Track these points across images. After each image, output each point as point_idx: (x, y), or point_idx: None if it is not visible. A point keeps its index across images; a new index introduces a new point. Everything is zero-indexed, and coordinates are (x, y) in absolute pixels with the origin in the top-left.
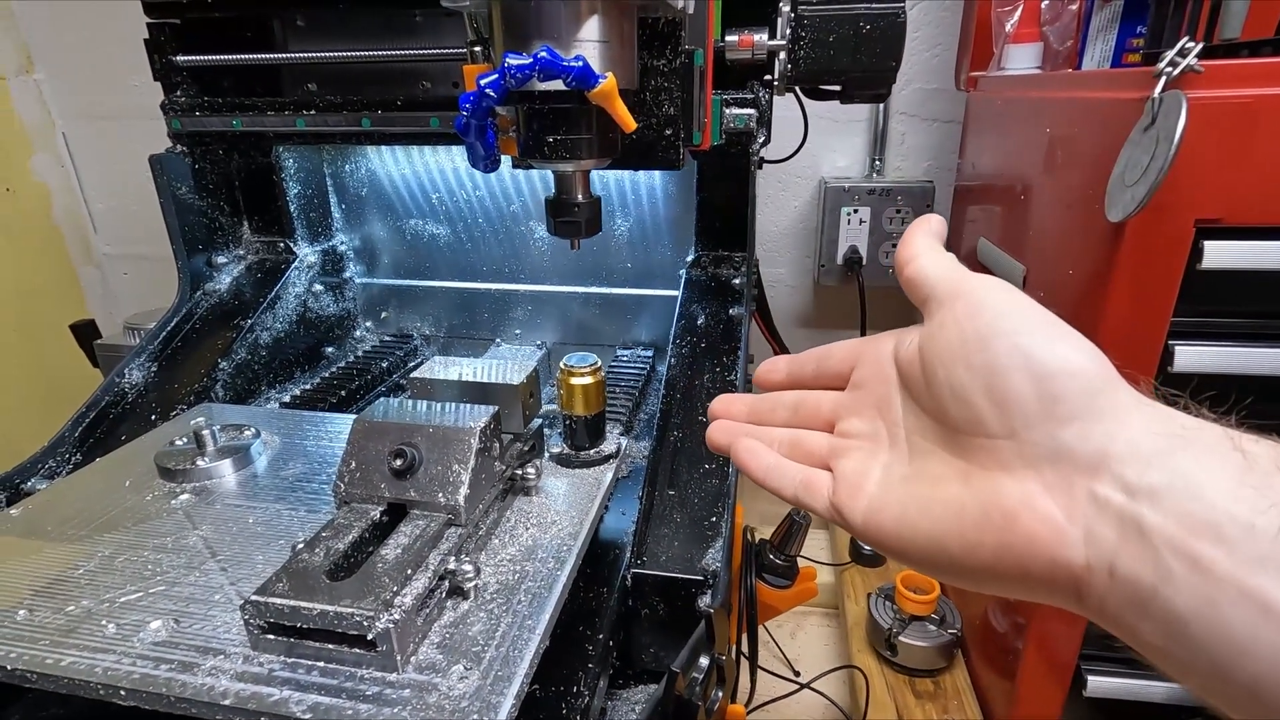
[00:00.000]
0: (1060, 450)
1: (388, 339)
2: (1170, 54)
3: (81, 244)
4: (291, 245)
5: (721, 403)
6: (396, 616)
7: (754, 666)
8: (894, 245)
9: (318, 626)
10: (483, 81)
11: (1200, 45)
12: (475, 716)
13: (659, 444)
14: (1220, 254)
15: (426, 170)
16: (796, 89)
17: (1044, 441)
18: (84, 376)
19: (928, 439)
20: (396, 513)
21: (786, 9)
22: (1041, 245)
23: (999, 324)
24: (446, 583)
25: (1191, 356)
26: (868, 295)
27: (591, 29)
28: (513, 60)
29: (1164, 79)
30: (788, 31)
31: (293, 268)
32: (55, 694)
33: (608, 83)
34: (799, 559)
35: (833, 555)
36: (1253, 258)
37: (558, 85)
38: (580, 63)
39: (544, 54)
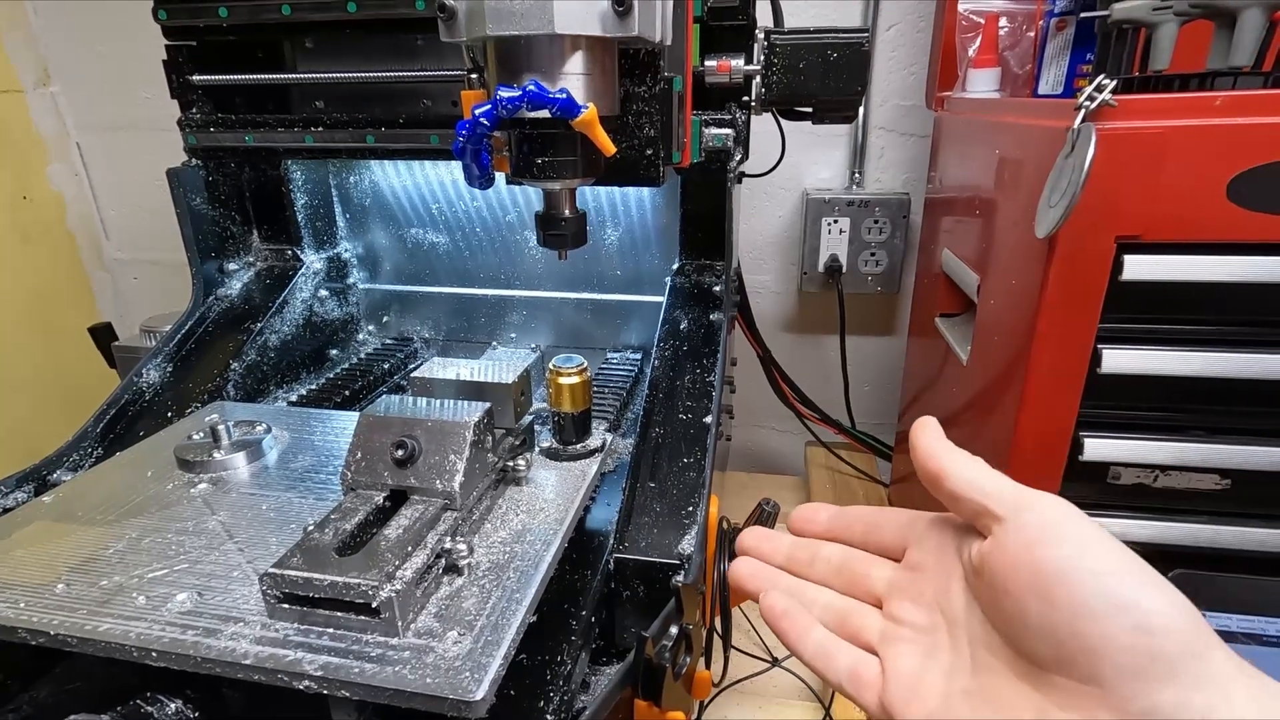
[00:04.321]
0: (1154, 712)
1: (389, 342)
2: (1088, 89)
3: (94, 250)
4: (299, 253)
5: (753, 538)
6: (398, 587)
7: (726, 645)
8: (872, 254)
9: (328, 596)
10: (477, 111)
11: (1115, 81)
12: (467, 674)
13: (642, 440)
14: (1139, 267)
15: (426, 182)
16: (773, 110)
17: (1137, 700)
18: (96, 376)
19: (995, 656)
20: (398, 498)
21: (761, 37)
22: (992, 258)
23: (1082, 560)
24: (443, 560)
25: (1118, 359)
26: (846, 301)
27: (576, 63)
28: (504, 93)
29: (1083, 111)
30: (761, 58)
31: (299, 274)
32: (79, 669)
33: (589, 113)
34: None
35: None
36: (1169, 270)
37: (545, 113)
38: (564, 95)
39: (532, 87)
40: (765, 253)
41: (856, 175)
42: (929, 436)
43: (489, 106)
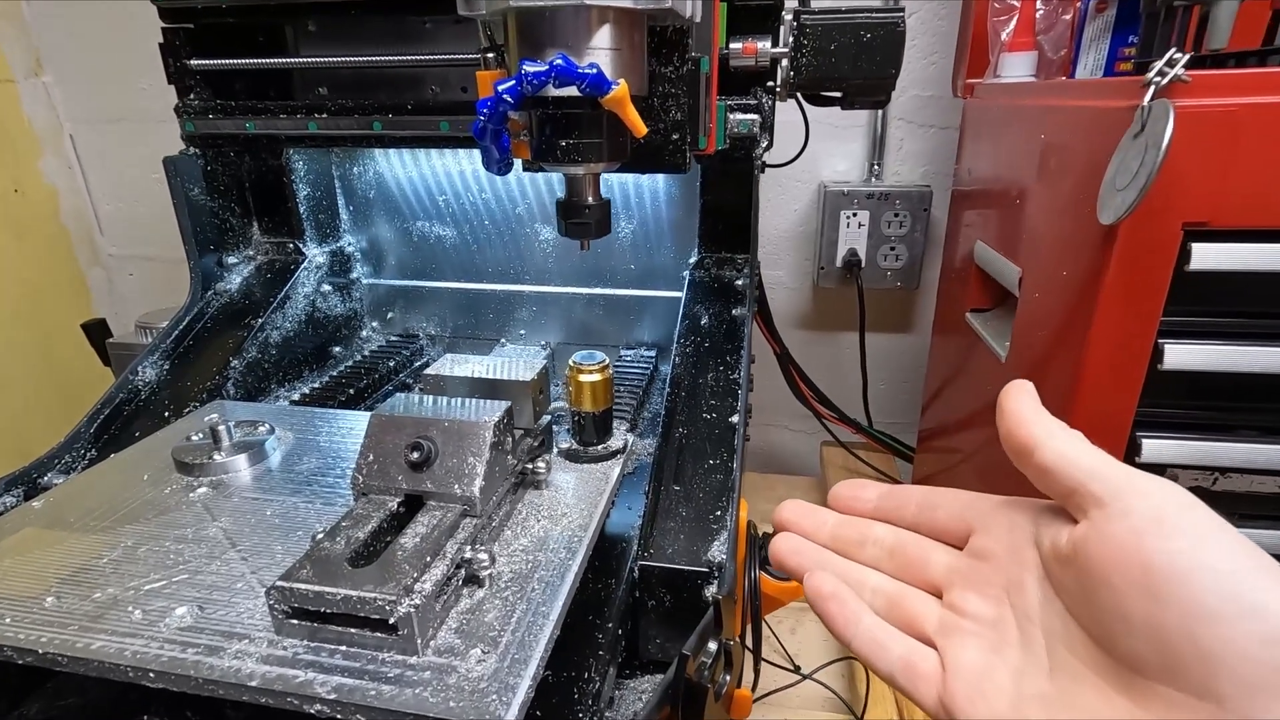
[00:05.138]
0: None
1: (394, 339)
2: (1159, 64)
3: (88, 245)
4: (300, 246)
5: (793, 511)
6: (417, 601)
7: (757, 658)
8: (892, 248)
9: (341, 611)
10: (500, 87)
11: (1188, 56)
12: (494, 697)
13: (664, 440)
14: (1207, 256)
15: (433, 173)
16: (798, 95)
17: (1262, 718)
18: (91, 375)
19: (1078, 657)
20: (413, 504)
21: (789, 18)
22: (1036, 248)
23: (1202, 555)
24: (463, 571)
25: (1180, 355)
26: (866, 297)
27: (604, 37)
28: (530, 67)
29: (1153, 88)
30: (790, 40)
31: (302, 268)
32: (72, 684)
33: (620, 89)
34: None
35: None
36: (1238, 259)
37: (571, 91)
38: (594, 70)
39: (560, 61)
40: (779, 247)
41: (875, 167)
42: (1021, 400)
43: (513, 82)
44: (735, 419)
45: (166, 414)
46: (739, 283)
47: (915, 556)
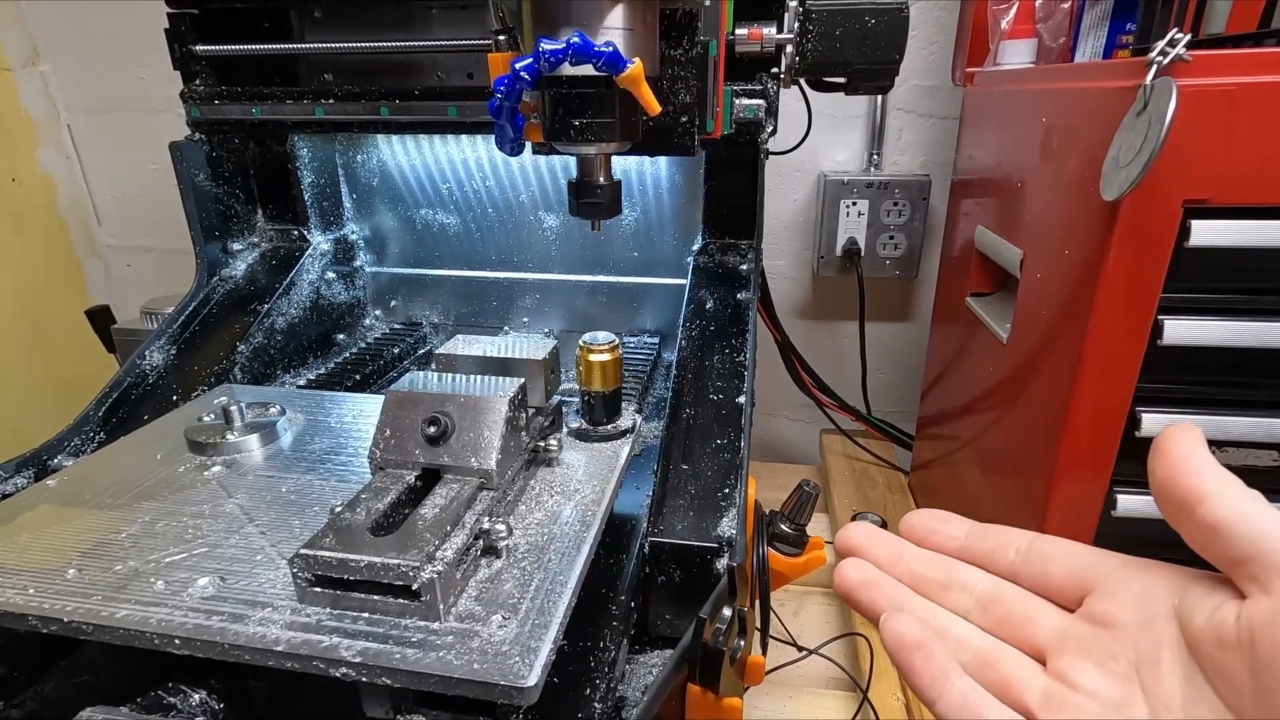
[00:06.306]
0: None
1: (397, 327)
2: (1161, 44)
3: (85, 236)
4: (305, 233)
5: (862, 535)
6: (439, 568)
7: (765, 635)
8: (891, 237)
9: (364, 578)
10: (518, 65)
11: (1189, 36)
12: (516, 659)
13: (672, 421)
14: (1207, 232)
15: (436, 161)
16: (801, 81)
17: None
18: (89, 364)
19: None
20: (430, 477)
21: (794, 4)
22: (1038, 230)
23: None
24: (481, 541)
25: (1180, 331)
26: (865, 286)
27: (618, 17)
28: (547, 45)
29: (1155, 67)
30: (795, 25)
31: (306, 255)
32: (85, 662)
33: (635, 67)
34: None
35: (832, 535)
36: (1237, 236)
37: (586, 70)
38: (611, 48)
39: (577, 39)
40: (779, 236)
41: (874, 157)
42: (1188, 445)
43: (530, 60)
44: (742, 399)
45: (174, 398)
46: (743, 268)
47: (1017, 612)
